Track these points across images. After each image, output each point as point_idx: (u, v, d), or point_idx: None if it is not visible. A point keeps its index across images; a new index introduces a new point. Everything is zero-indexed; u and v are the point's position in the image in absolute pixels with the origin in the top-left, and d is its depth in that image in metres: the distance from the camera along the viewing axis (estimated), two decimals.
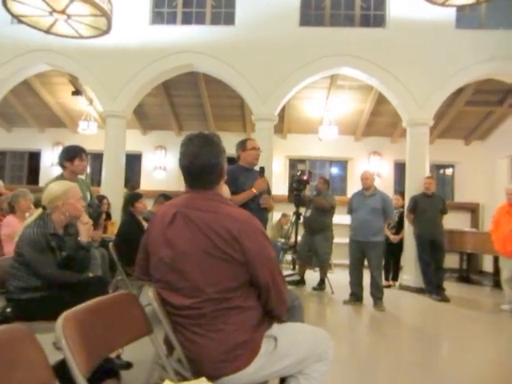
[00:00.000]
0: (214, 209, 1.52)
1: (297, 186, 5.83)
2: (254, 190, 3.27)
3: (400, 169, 9.32)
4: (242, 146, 3.46)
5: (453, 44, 6.37)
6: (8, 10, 4.50)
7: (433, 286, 5.78)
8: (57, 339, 1.20)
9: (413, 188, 6.32)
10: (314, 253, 5.98)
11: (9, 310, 2.23)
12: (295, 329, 1.71)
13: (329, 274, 6.22)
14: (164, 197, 5.13)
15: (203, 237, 1.47)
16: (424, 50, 6.39)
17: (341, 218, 8.31)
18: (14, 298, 2.30)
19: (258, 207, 3.31)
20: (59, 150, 10.09)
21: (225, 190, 1.70)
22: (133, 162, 9.55)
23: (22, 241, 2.38)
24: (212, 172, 1.57)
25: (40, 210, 2.53)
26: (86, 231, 2.65)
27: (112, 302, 1.50)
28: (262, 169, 3.46)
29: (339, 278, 6.43)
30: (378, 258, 5.04)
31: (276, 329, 1.59)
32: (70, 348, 1.18)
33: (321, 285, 6.13)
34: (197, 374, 1.48)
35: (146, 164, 10.15)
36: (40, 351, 1.11)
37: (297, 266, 6.42)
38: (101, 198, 5.58)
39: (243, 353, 1.47)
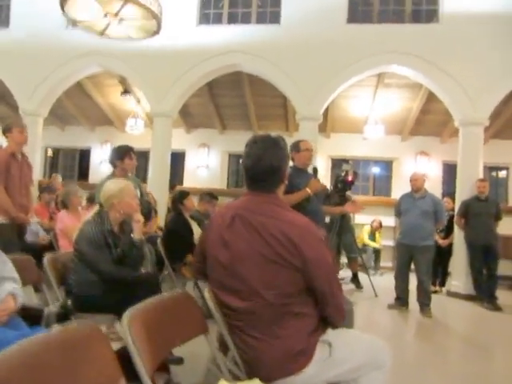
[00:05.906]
0: (274, 214, 1.51)
1: (341, 186, 5.71)
2: (308, 190, 3.25)
3: (449, 170, 8.93)
4: (296, 147, 3.49)
5: None
6: (66, 16, 4.72)
7: (484, 293, 5.49)
8: (123, 336, 1.24)
9: (464, 191, 6.02)
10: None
11: (69, 302, 2.33)
12: (351, 336, 1.68)
13: (372, 277, 6.09)
14: (209, 195, 5.22)
15: (261, 241, 1.46)
16: (481, 45, 6.01)
17: (384, 220, 8.12)
18: (74, 291, 2.41)
19: (314, 209, 3.28)
20: (107, 147, 10.52)
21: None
22: (177, 160, 9.73)
23: (80, 237, 2.48)
24: (274, 175, 1.55)
25: (97, 208, 2.63)
26: (138, 229, 2.73)
27: (172, 300, 1.54)
28: (316, 169, 3.49)
29: (383, 281, 6.25)
30: (427, 262, 4.84)
31: (331, 335, 1.57)
32: (136, 346, 1.21)
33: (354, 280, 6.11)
34: (250, 375, 1.49)
35: (190, 162, 10.33)
36: (109, 348, 1.15)
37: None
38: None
39: (298, 358, 1.46)
